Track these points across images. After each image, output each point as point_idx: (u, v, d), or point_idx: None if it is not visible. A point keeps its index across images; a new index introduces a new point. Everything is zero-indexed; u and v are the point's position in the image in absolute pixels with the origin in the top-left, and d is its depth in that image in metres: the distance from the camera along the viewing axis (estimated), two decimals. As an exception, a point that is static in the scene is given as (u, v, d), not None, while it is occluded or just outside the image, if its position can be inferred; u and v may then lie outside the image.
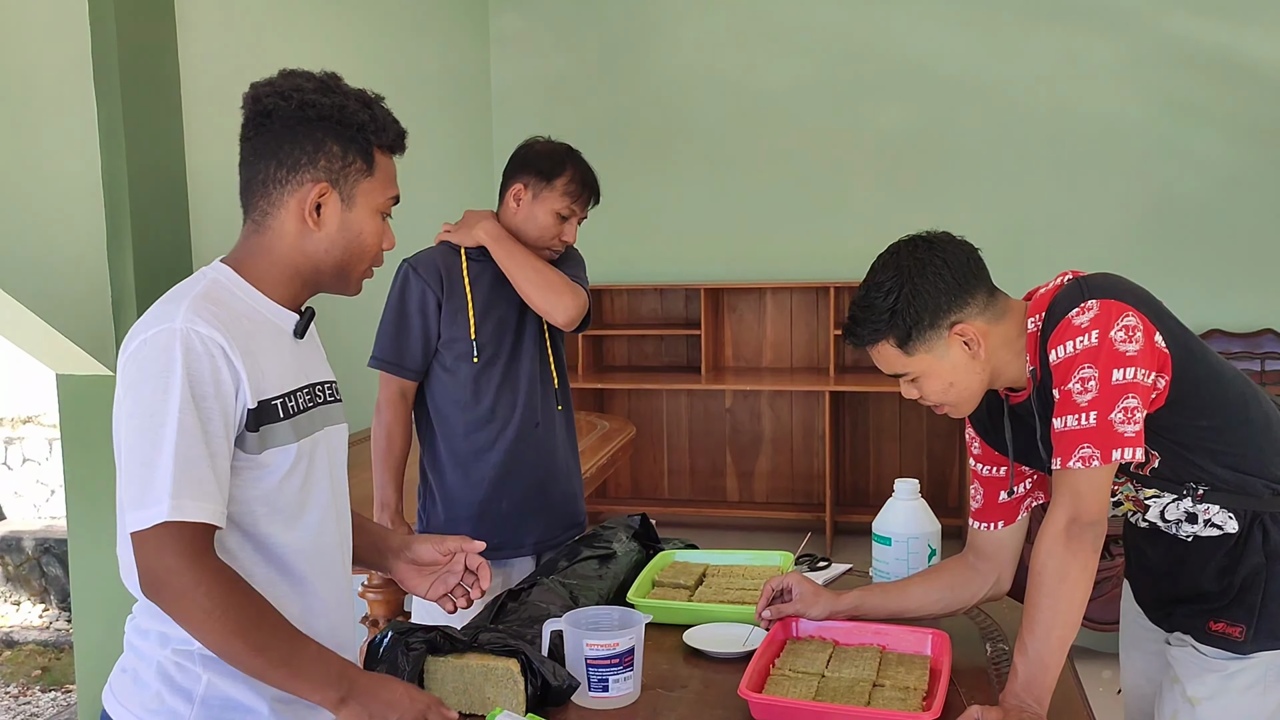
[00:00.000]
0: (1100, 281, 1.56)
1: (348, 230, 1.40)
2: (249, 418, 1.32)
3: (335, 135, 1.38)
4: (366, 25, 4.45)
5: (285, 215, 1.39)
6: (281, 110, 1.38)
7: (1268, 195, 4.96)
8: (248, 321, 1.35)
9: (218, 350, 1.29)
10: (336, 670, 1.33)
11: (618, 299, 5.76)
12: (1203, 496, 1.61)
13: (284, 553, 1.39)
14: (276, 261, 1.40)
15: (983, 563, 1.79)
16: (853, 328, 1.62)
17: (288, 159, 1.37)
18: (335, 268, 1.42)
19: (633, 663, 1.57)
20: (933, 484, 5.32)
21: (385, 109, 1.43)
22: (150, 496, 1.25)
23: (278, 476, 1.36)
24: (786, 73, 5.43)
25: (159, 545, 1.25)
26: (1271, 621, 1.61)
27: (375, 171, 1.41)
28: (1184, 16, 4.97)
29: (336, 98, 1.38)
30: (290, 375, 1.39)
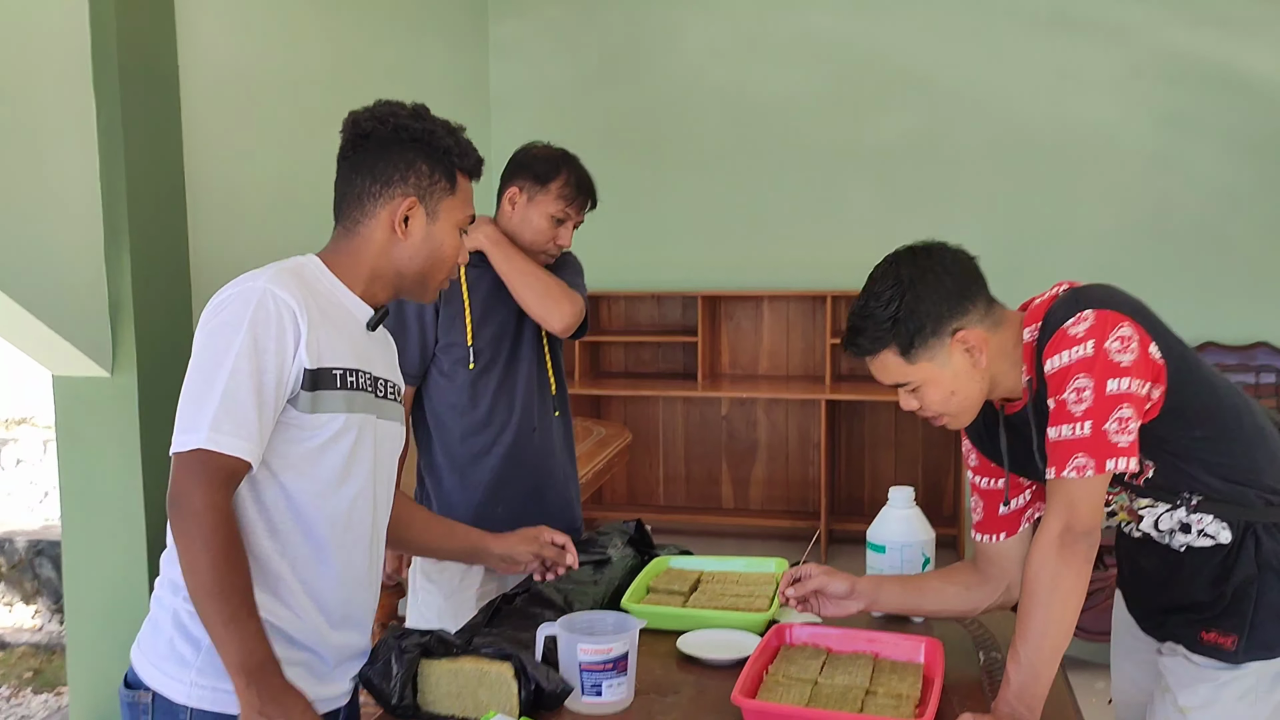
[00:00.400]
0: (1096, 292, 1.57)
1: (430, 241, 1.56)
2: (306, 377, 1.44)
3: (425, 156, 1.54)
4: (367, 31, 4.46)
5: (375, 224, 1.54)
6: (378, 132, 1.54)
7: (1263, 209, 4.98)
8: (325, 301, 1.50)
9: (287, 311, 1.42)
10: (257, 660, 1.35)
11: (615, 306, 5.77)
12: (1196, 506, 1.61)
13: (315, 517, 1.48)
14: (362, 262, 1.55)
15: (992, 569, 1.78)
16: (853, 338, 1.62)
17: (382, 175, 1.53)
18: (417, 274, 1.57)
19: (626, 668, 1.57)
20: (928, 493, 5.33)
21: (467, 138, 1.60)
22: (194, 423, 1.38)
23: (322, 439, 1.47)
24: (785, 82, 5.44)
25: (189, 468, 1.37)
26: (1263, 631, 1.61)
27: (457, 191, 1.58)
28: (1182, 30, 4.99)
29: (427, 124, 1.56)
30: (354, 357, 1.51)
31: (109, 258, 2.98)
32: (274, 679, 1.36)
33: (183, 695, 1.45)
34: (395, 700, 1.55)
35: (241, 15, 3.60)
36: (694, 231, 5.60)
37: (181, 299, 3.20)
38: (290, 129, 3.86)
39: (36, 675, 4.98)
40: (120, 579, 3.09)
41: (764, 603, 1.94)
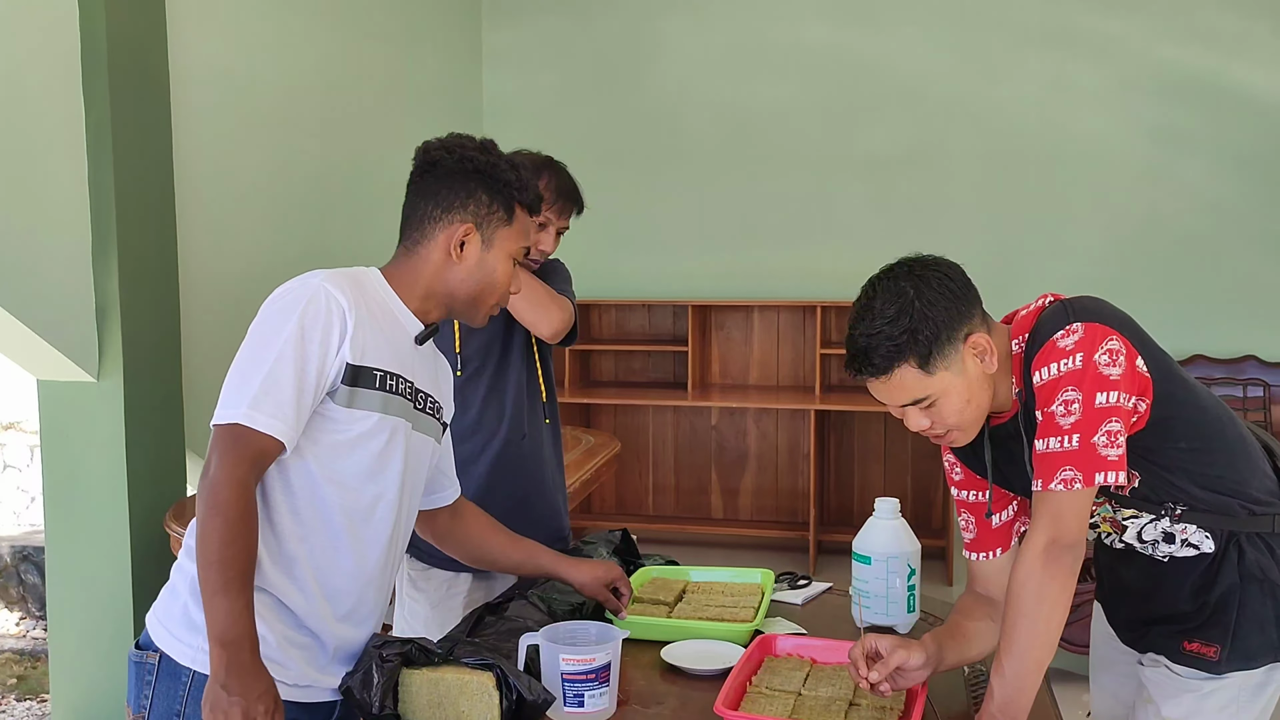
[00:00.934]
0: (1085, 304, 1.57)
1: (484, 267, 1.63)
2: (347, 372, 1.51)
3: (486, 186, 1.62)
4: (360, 38, 4.46)
5: (433, 246, 1.62)
6: (445, 161, 1.63)
7: (1252, 223, 5.00)
8: (377, 307, 1.58)
9: (336, 307, 1.50)
10: (236, 635, 1.37)
11: (606, 314, 5.77)
12: (1180, 516, 1.61)
13: (336, 508, 1.54)
14: (418, 280, 1.63)
15: (994, 589, 1.73)
16: (866, 359, 1.54)
17: (443, 201, 1.62)
18: (468, 297, 1.64)
19: (609, 678, 1.57)
20: (917, 504, 5.33)
21: (529, 176, 1.67)
22: (235, 400, 1.45)
23: (354, 434, 1.53)
24: (777, 92, 5.45)
25: (223, 439, 1.44)
26: (1246, 641, 1.62)
27: (514, 223, 1.64)
28: (1172, 45, 5.01)
29: (491, 158, 1.64)
30: (396, 363, 1.58)
31: (96, 262, 2.97)
32: (245, 655, 1.38)
33: (187, 659, 1.49)
34: (376, 710, 1.54)
35: (234, 21, 3.60)
36: (685, 241, 5.61)
37: (169, 304, 3.19)
38: (281, 135, 3.86)
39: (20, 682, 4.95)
40: (104, 585, 3.07)
41: (749, 613, 1.94)
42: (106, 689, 3.04)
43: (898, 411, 1.59)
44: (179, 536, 2.85)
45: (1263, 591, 1.61)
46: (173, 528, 2.89)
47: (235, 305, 3.89)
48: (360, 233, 4.27)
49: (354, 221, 4.27)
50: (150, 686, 1.52)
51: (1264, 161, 4.96)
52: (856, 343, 1.55)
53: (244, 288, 3.65)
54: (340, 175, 4.22)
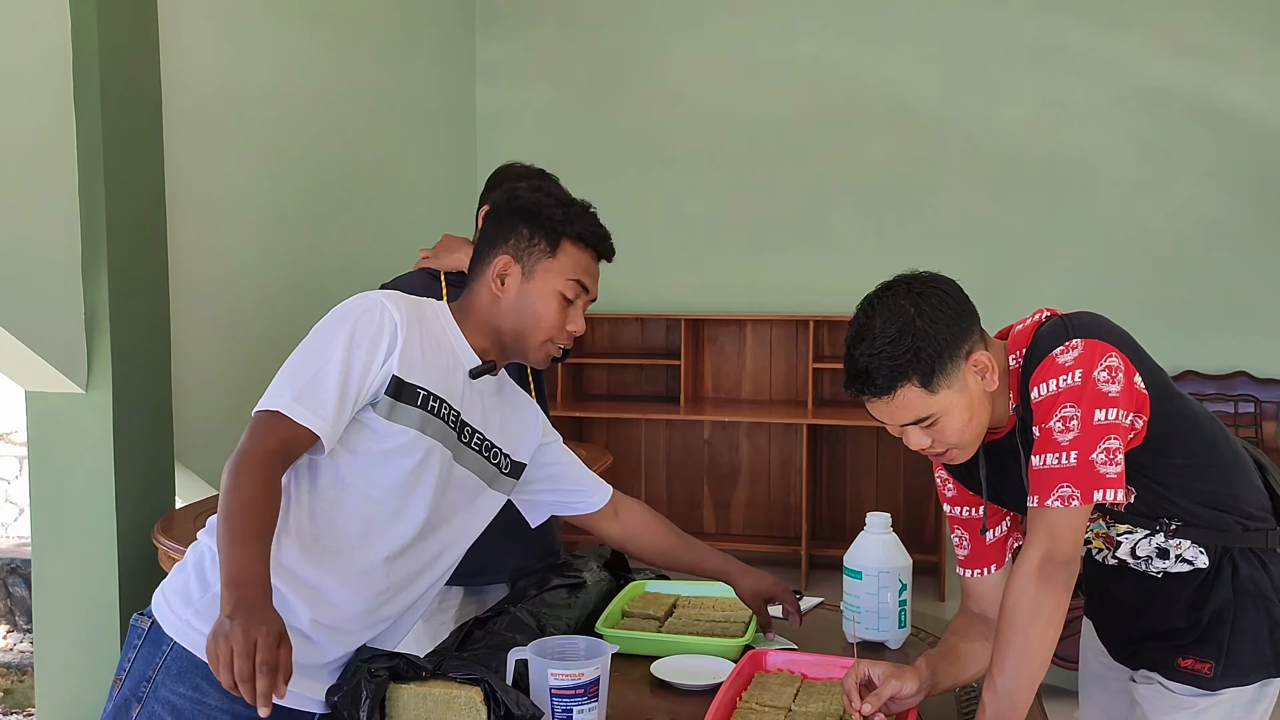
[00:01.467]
0: (1084, 320, 1.57)
1: (524, 299, 1.65)
2: (392, 383, 1.54)
3: (526, 220, 1.66)
4: (353, 51, 4.46)
5: (482, 282, 1.67)
6: (499, 204, 1.72)
7: (1243, 239, 5.02)
8: (434, 334, 1.62)
9: (389, 321, 1.55)
10: (248, 577, 1.35)
11: (599, 328, 5.77)
12: (1175, 531, 1.61)
13: (354, 519, 1.55)
14: (474, 316, 1.68)
15: (989, 607, 1.71)
16: (868, 380, 1.52)
17: (490, 238, 1.68)
18: (513, 332, 1.66)
19: (598, 693, 1.55)
20: (909, 519, 5.32)
21: (584, 213, 1.70)
22: (281, 391, 1.49)
23: (388, 447, 1.55)
24: (771, 107, 5.47)
25: (259, 422, 1.47)
26: (1240, 657, 1.61)
27: (558, 255, 1.65)
28: (1164, 63, 5.04)
29: (539, 195, 1.69)
30: (446, 389, 1.60)
31: (86, 273, 2.95)
32: (256, 593, 1.34)
33: (173, 629, 1.51)
34: (363, 724, 1.53)
35: (226, 32, 3.60)
36: (678, 254, 5.61)
37: (159, 316, 3.17)
38: (273, 146, 3.86)
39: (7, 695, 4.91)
40: (91, 599, 3.05)
41: (739, 628, 1.93)
42: (94, 702, 3.01)
43: (897, 430, 1.58)
44: (167, 549, 2.83)
45: (1257, 607, 1.61)
46: (161, 540, 2.87)
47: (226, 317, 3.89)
48: (353, 245, 4.26)
49: (346, 233, 4.26)
50: (135, 650, 1.55)
51: (1255, 178, 4.99)
52: (857, 363, 1.52)
53: (235, 299, 3.65)
54: (332, 187, 4.22)
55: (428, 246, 2.43)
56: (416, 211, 4.83)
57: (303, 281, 3.84)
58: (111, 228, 2.95)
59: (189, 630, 1.50)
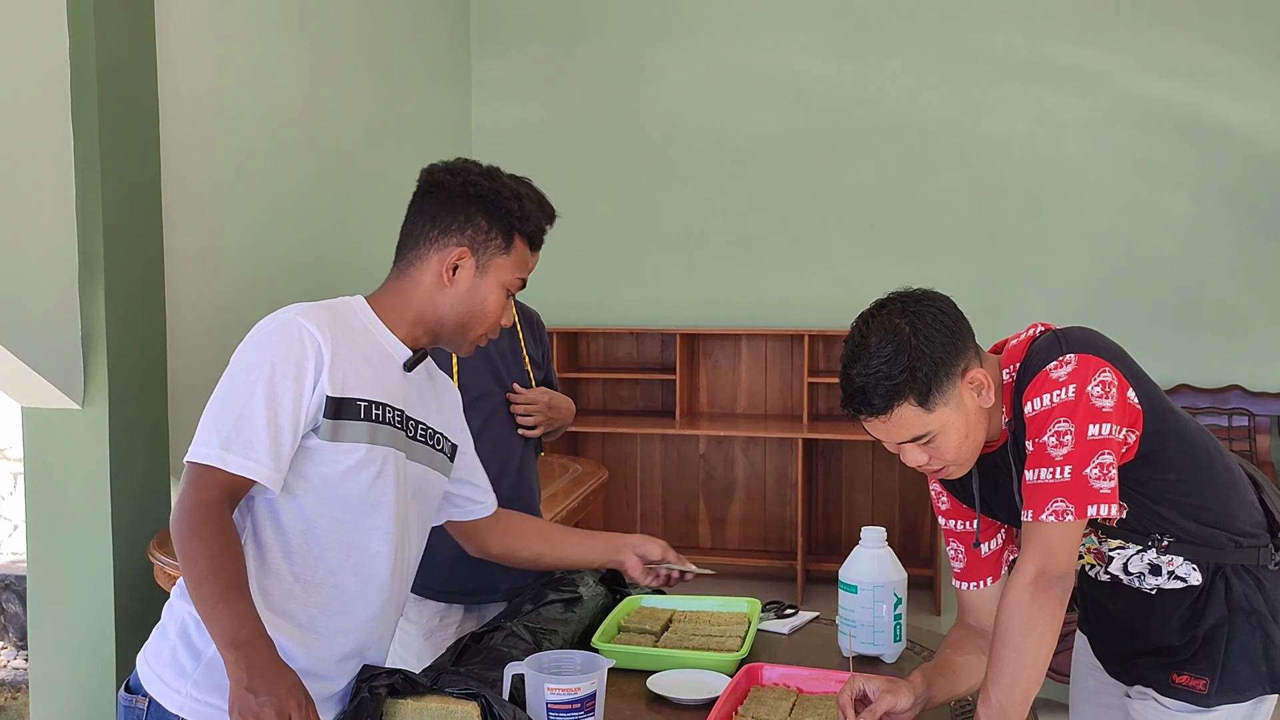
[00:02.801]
0: (1078, 335, 1.57)
1: (475, 293, 1.60)
2: (329, 405, 1.48)
3: (486, 213, 1.60)
4: (349, 67, 4.48)
5: (425, 268, 1.60)
6: (448, 184, 1.62)
7: (1235, 254, 5.04)
8: (360, 337, 1.56)
9: (310, 341, 1.48)
10: (247, 634, 1.34)
11: (594, 342, 5.77)
12: (1167, 548, 1.62)
13: (331, 545, 1.51)
14: (407, 305, 1.61)
15: (985, 620, 1.72)
16: (865, 399, 1.52)
17: (442, 223, 1.60)
18: (456, 324, 1.61)
19: (594, 708, 1.56)
20: (905, 533, 5.33)
21: (535, 207, 1.65)
22: (208, 438, 1.44)
23: (342, 468, 1.50)
24: (765, 123, 5.49)
25: (193, 477, 1.43)
26: (1234, 674, 1.62)
27: (511, 252, 1.62)
28: (1155, 79, 5.07)
29: (495, 184, 1.62)
30: (384, 391, 1.55)
31: (82, 289, 2.96)
32: (263, 653, 1.34)
33: (176, 705, 1.47)
34: (360, 740, 1.53)
35: (223, 49, 3.61)
36: (673, 269, 5.63)
37: (156, 331, 3.18)
38: (270, 164, 3.87)
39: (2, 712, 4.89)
40: (86, 615, 3.04)
41: (735, 642, 1.93)
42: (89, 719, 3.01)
43: (894, 447, 1.58)
44: (163, 565, 2.83)
45: (1251, 624, 1.61)
46: (157, 556, 2.87)
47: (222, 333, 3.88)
48: (349, 261, 4.27)
49: (343, 250, 4.27)
50: None
51: (1246, 194, 5.01)
52: (854, 382, 1.53)
53: (231, 316, 3.65)
54: (329, 204, 4.23)
55: None
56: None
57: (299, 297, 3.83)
58: (108, 244, 2.96)
59: (194, 704, 1.46)
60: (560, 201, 2.38)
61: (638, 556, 1.93)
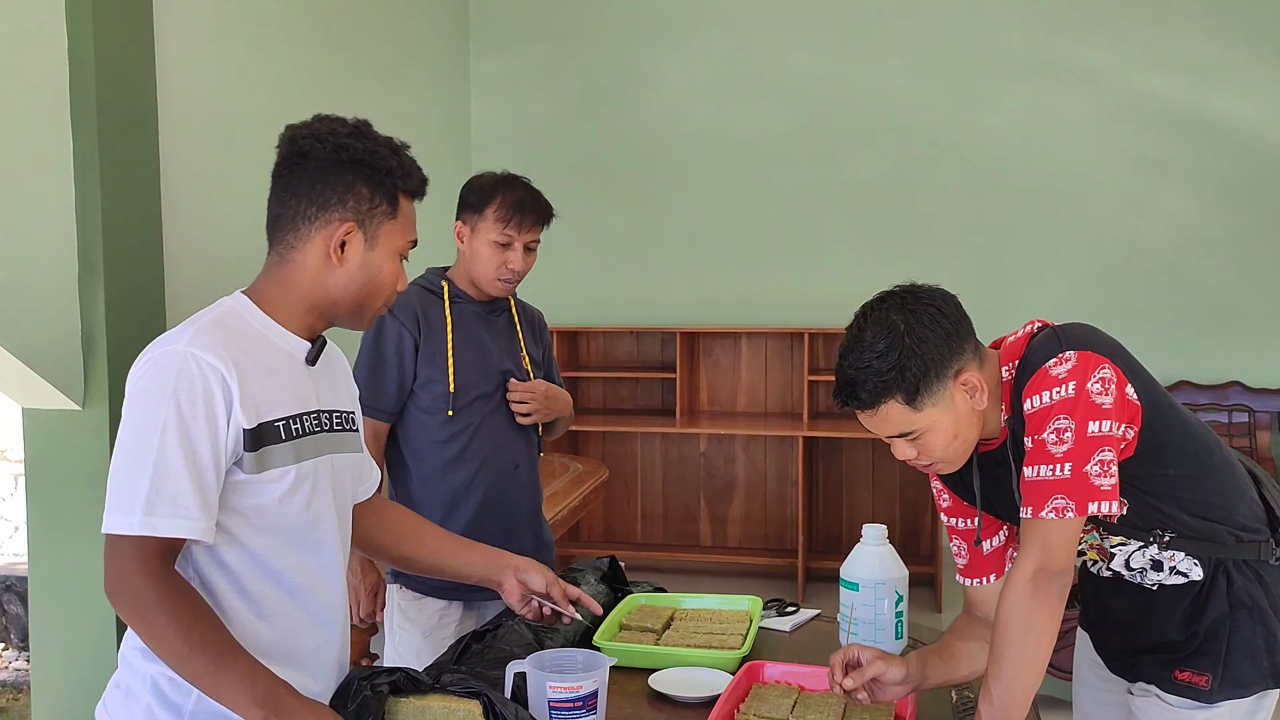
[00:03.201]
0: (1077, 332, 1.57)
1: (368, 268, 1.47)
2: (246, 438, 1.37)
3: (365, 178, 1.46)
4: (347, 67, 4.48)
5: (310, 250, 1.46)
6: (317, 152, 1.46)
7: (1234, 250, 5.04)
8: (257, 347, 1.43)
9: (213, 374, 1.35)
10: (264, 689, 1.33)
11: (594, 341, 5.77)
12: (1168, 543, 1.62)
13: (284, 568, 1.44)
14: (294, 292, 1.47)
15: (991, 612, 1.73)
16: (853, 392, 1.53)
17: (319, 197, 1.45)
18: (352, 302, 1.49)
19: (596, 706, 1.56)
20: (905, 530, 5.33)
21: (411, 157, 1.51)
22: (127, 504, 1.32)
23: (276, 495, 1.41)
24: (764, 122, 5.49)
25: (127, 553, 1.31)
26: (1236, 670, 1.62)
27: (398, 215, 1.49)
28: (1154, 76, 5.08)
29: (368, 143, 1.47)
30: (296, 400, 1.45)
31: (83, 290, 2.96)
32: (287, 700, 1.33)
33: None
34: (363, 739, 1.53)
35: (221, 51, 3.61)
36: (673, 268, 5.63)
37: (156, 332, 3.13)
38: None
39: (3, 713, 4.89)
40: (87, 616, 3.04)
41: (737, 640, 1.93)
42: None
43: (885, 438, 1.60)
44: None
45: (1253, 619, 1.61)
46: (157, 557, 2.87)
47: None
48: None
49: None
50: None
51: (1245, 190, 5.02)
52: (845, 374, 1.54)
53: (231, 315, 3.65)
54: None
55: (428, 263, 2.43)
56: (412, 227, 4.84)
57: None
58: (108, 245, 2.96)
59: None
60: (559, 201, 2.40)
61: (519, 582, 1.75)
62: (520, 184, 2.30)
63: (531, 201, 2.28)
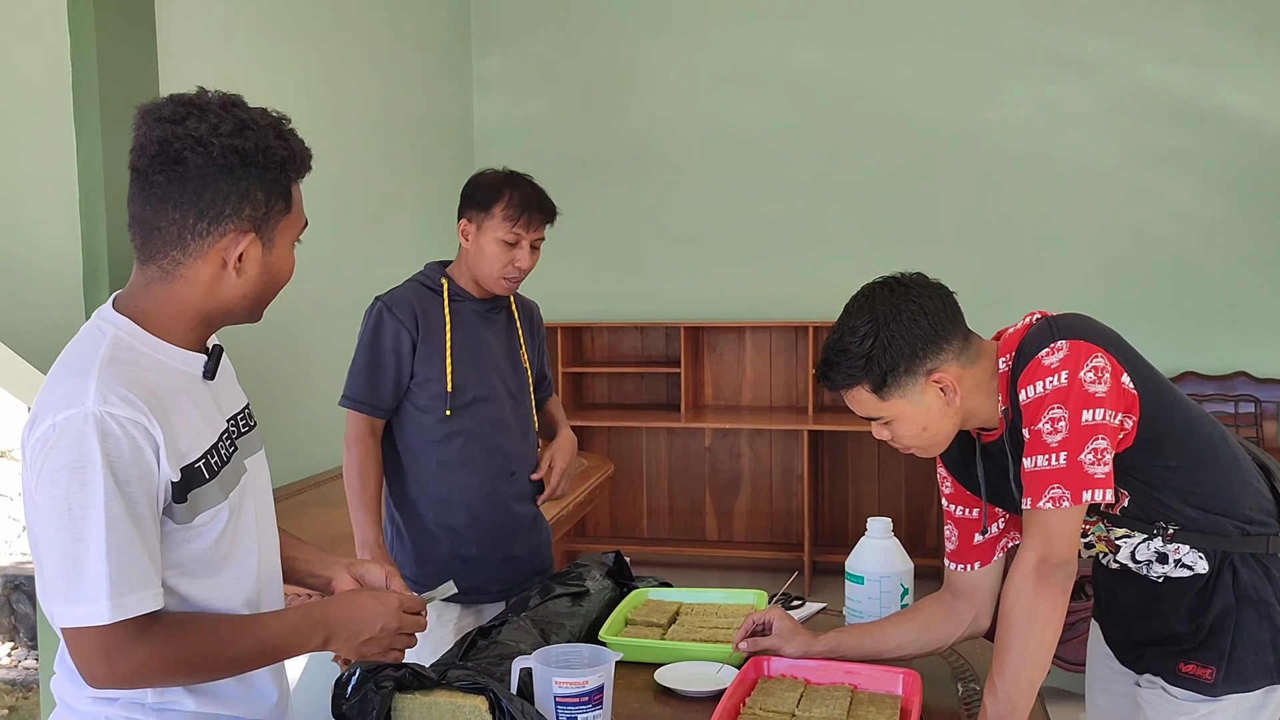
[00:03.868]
0: (1070, 322, 1.58)
1: (268, 272, 1.35)
2: (174, 490, 1.27)
3: (259, 181, 1.30)
4: (349, 65, 4.48)
5: (201, 265, 1.30)
6: (197, 159, 1.26)
7: (1240, 240, 5.03)
8: (159, 378, 1.29)
9: (138, 430, 1.22)
10: (307, 625, 1.36)
11: (598, 337, 5.77)
12: (1173, 536, 1.61)
13: (222, 597, 1.36)
14: (184, 308, 1.32)
15: (960, 602, 1.77)
16: (827, 371, 1.60)
17: (209, 210, 1.28)
18: (249, 307, 1.37)
19: (602, 701, 1.56)
20: (911, 524, 5.33)
21: (292, 131, 1.35)
22: (84, 593, 1.20)
23: (212, 537, 1.33)
24: (766, 115, 5.48)
25: (101, 642, 1.21)
26: (1241, 664, 1.61)
27: (292, 207, 1.35)
28: (1157, 66, 5.06)
29: (255, 136, 1.29)
30: (209, 426, 1.35)
31: (87, 288, 2.96)
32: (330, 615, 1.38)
33: None
34: (369, 735, 1.53)
35: (223, 47, 3.62)
36: (676, 263, 5.63)
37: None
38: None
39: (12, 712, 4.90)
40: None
41: (743, 635, 1.93)
42: (97, 718, 3.02)
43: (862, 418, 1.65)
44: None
45: (1258, 613, 1.61)
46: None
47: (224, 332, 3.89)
48: (350, 259, 4.27)
49: (344, 248, 4.27)
50: None
51: (1250, 180, 5.00)
52: (825, 353, 1.61)
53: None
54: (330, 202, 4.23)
55: (430, 259, 2.43)
56: (415, 225, 4.84)
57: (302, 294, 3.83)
58: (112, 242, 2.96)
59: None
60: (562, 197, 2.40)
61: (353, 577, 1.60)
62: (526, 182, 2.30)
63: (539, 200, 2.28)
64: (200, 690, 1.34)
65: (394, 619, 1.38)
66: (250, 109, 1.31)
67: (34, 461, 1.23)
